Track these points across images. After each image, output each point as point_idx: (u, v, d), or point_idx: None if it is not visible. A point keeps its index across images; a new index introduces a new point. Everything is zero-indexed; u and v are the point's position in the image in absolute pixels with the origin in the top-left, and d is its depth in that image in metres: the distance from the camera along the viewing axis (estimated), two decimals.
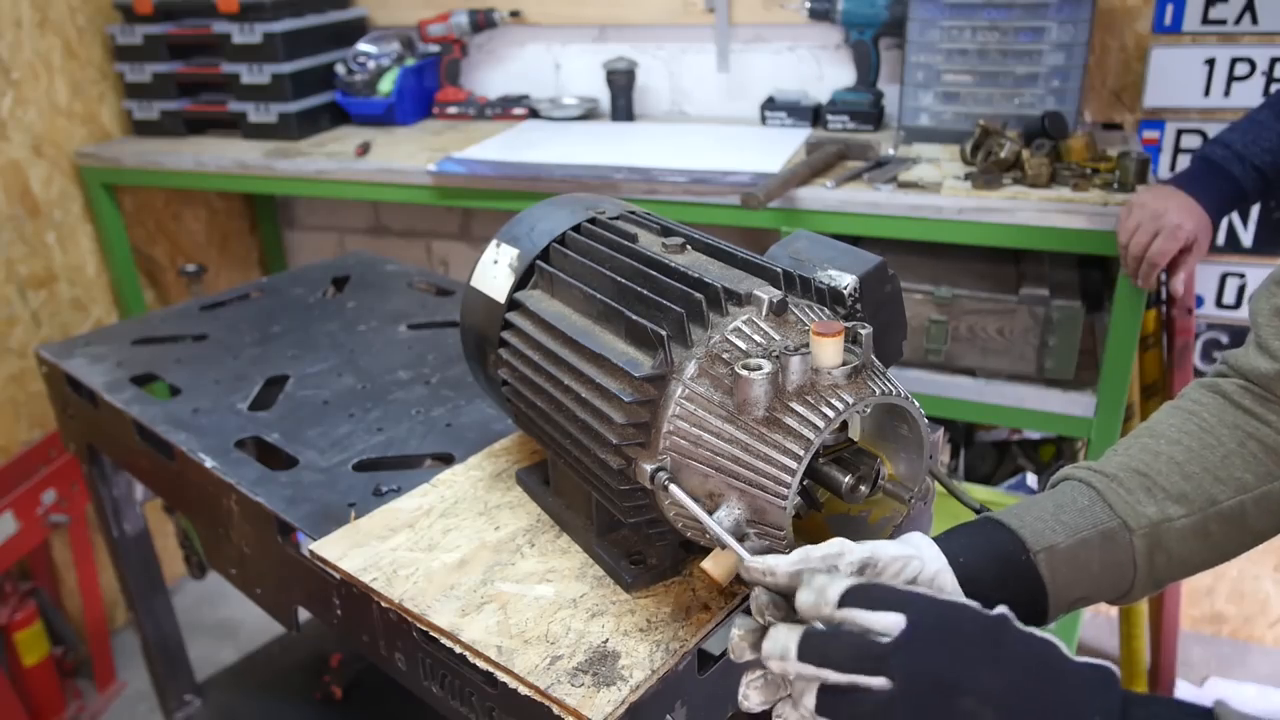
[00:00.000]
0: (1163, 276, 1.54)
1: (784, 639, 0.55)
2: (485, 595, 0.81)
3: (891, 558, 0.61)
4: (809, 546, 0.59)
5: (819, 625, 0.55)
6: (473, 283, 0.91)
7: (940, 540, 0.67)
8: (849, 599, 0.54)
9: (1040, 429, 1.93)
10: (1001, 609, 0.54)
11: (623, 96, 2.29)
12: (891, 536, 0.74)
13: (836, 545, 0.59)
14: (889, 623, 0.52)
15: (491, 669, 0.74)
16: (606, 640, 0.75)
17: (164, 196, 2.56)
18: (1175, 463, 0.72)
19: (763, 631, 0.57)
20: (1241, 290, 2.02)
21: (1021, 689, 0.51)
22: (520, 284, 0.87)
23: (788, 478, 0.64)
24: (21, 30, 2.14)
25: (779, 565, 0.57)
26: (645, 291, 0.75)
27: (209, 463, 1.09)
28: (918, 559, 0.62)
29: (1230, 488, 0.71)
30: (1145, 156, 1.59)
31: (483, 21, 2.34)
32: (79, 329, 2.33)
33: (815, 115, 2.12)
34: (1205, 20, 1.87)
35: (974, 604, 0.54)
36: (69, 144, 2.27)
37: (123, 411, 1.22)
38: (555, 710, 0.70)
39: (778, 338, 0.68)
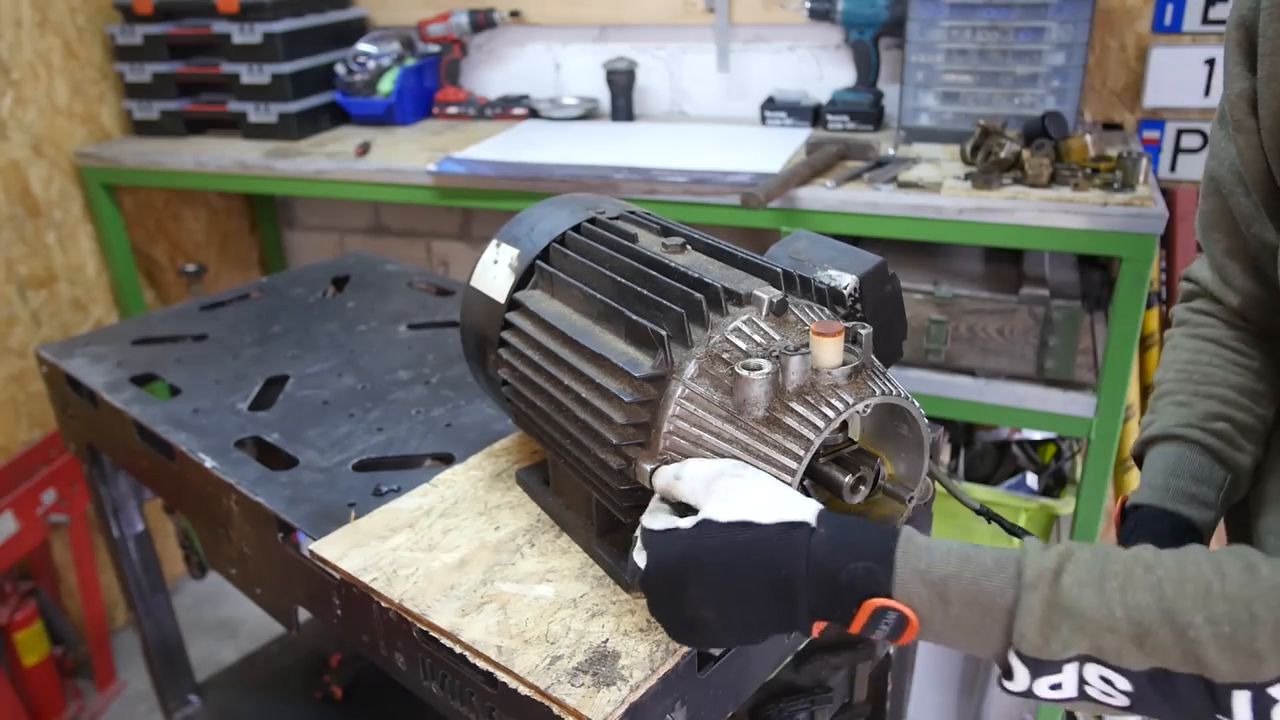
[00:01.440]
0: (1163, 275, 1.53)
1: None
2: (485, 595, 0.81)
3: None
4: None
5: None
6: (473, 283, 0.91)
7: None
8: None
9: (1040, 429, 1.93)
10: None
11: (623, 96, 2.29)
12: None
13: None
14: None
15: (491, 669, 0.74)
16: (606, 640, 0.75)
17: (164, 196, 2.56)
18: (1243, 405, 0.82)
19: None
20: None
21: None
22: (520, 284, 0.87)
23: (787, 478, 0.64)
24: (21, 30, 2.14)
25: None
26: (645, 291, 0.75)
27: (209, 463, 1.08)
28: None
29: (1267, 404, 0.84)
30: (1145, 156, 1.59)
31: (483, 21, 2.34)
32: (79, 329, 2.33)
33: (815, 115, 2.12)
34: (1205, 20, 1.87)
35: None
36: (69, 144, 2.27)
37: (123, 411, 1.22)
38: (555, 710, 0.70)
39: (778, 338, 0.68)
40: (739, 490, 0.63)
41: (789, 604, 0.61)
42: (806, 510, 0.62)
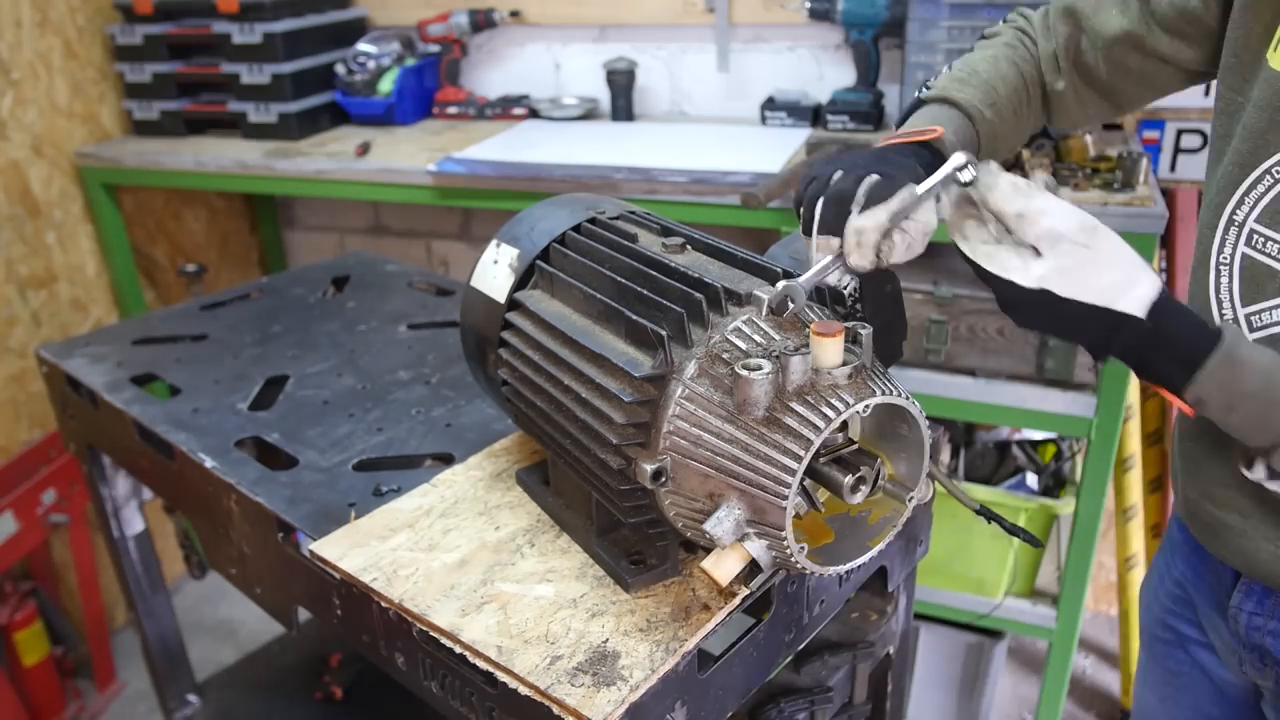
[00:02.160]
0: (1163, 275, 1.53)
1: None
2: (485, 595, 0.81)
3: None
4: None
5: None
6: (473, 283, 0.91)
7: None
8: None
9: (1040, 429, 1.93)
10: None
11: (623, 96, 2.29)
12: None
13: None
14: None
15: (491, 669, 0.74)
16: (606, 640, 0.75)
17: (164, 196, 2.56)
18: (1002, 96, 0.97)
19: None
20: None
21: None
22: (520, 284, 0.87)
23: (788, 478, 0.64)
24: (21, 30, 2.14)
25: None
26: (645, 291, 0.75)
27: (209, 463, 1.09)
28: None
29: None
30: (1145, 156, 1.59)
31: (483, 21, 2.34)
32: (79, 329, 2.33)
33: (815, 115, 2.12)
34: None
35: None
36: (69, 144, 2.27)
37: (123, 411, 1.22)
38: (555, 710, 0.70)
39: (778, 338, 0.68)
40: (1086, 265, 0.68)
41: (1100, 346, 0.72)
42: (1139, 299, 0.68)
